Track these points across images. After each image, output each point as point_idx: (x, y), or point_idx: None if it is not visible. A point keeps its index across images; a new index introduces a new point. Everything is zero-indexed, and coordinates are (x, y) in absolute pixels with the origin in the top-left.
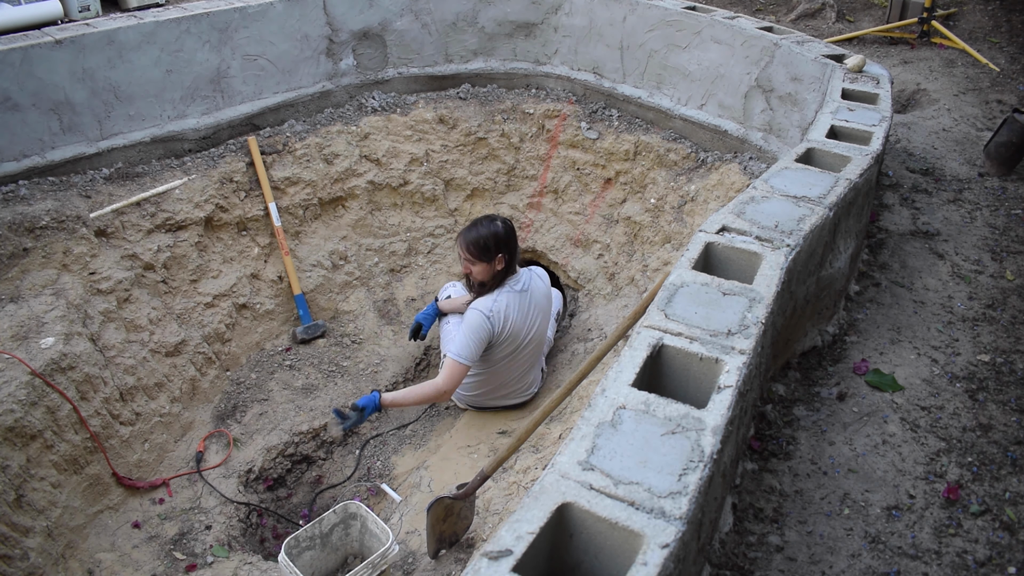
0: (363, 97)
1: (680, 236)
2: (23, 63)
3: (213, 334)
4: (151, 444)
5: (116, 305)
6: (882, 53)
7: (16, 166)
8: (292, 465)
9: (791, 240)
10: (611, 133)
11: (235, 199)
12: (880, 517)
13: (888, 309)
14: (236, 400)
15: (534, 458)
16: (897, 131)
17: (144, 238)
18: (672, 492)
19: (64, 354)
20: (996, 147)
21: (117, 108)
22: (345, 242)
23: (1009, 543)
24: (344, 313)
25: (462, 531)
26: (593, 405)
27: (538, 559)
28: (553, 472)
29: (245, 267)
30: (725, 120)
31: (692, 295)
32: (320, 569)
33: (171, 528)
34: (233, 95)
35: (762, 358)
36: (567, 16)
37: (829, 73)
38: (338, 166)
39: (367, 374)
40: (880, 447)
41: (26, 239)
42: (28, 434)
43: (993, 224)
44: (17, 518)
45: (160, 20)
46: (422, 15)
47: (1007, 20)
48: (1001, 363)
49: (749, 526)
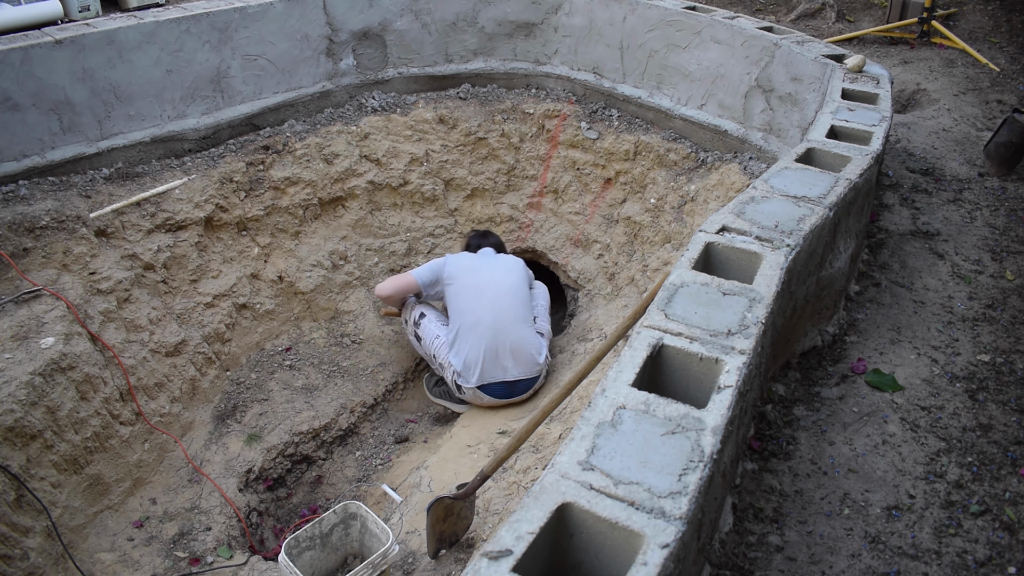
0: (363, 97)
1: (680, 236)
2: (23, 63)
3: (213, 334)
4: (151, 444)
5: (116, 305)
6: (882, 53)
7: (16, 166)
8: (292, 465)
9: (791, 240)
10: (611, 133)
11: (235, 199)
12: (880, 517)
13: (888, 309)
14: (236, 400)
15: (534, 458)
16: (897, 131)
17: (144, 238)
18: (672, 492)
19: (64, 354)
20: (996, 147)
21: (117, 108)
22: (345, 242)
23: (1009, 543)
24: (344, 313)
25: (462, 531)
26: (593, 405)
27: (538, 559)
28: (553, 472)
29: (245, 267)
30: (725, 120)
31: (692, 295)
32: (320, 569)
33: (171, 528)
34: (233, 95)
35: (762, 358)
36: (567, 16)
37: (829, 73)
38: (338, 166)
39: (367, 374)
40: (880, 447)
41: (26, 239)
42: (28, 434)
43: (993, 224)
44: (17, 518)
45: (160, 20)
46: (422, 15)
47: (1007, 20)
48: (1001, 363)
49: (749, 526)
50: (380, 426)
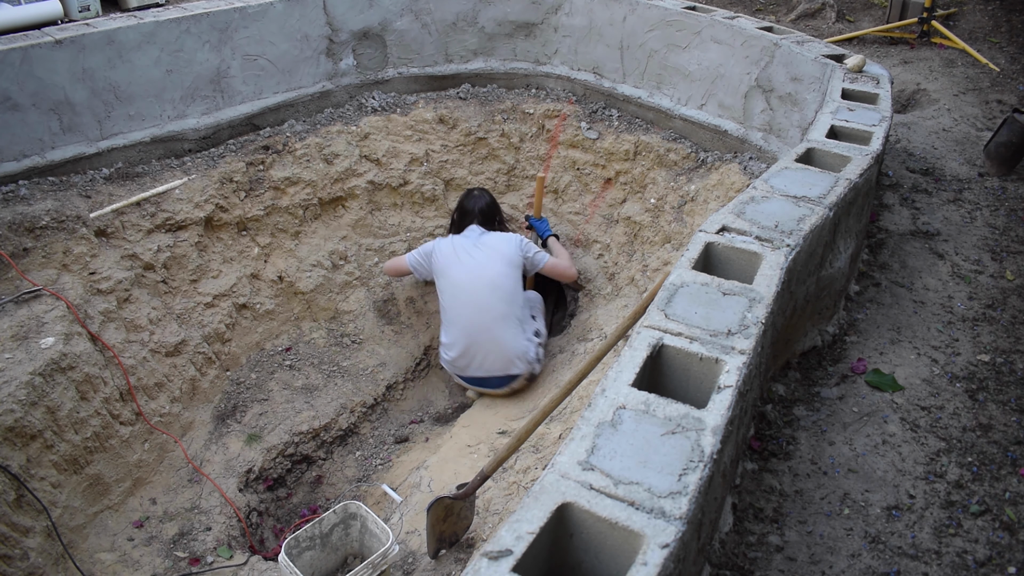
0: (363, 97)
1: (680, 236)
2: (23, 63)
3: (213, 334)
4: (151, 444)
5: (116, 305)
6: (882, 53)
7: (16, 166)
8: (292, 465)
9: (791, 240)
10: (611, 133)
11: (235, 199)
12: (880, 517)
13: (888, 309)
14: (236, 400)
15: (534, 458)
16: (897, 131)
17: (144, 238)
18: (672, 492)
19: (64, 354)
20: (996, 147)
21: (117, 108)
22: (345, 242)
23: (1009, 543)
24: (344, 313)
25: (462, 531)
26: (593, 405)
27: (538, 559)
28: (553, 472)
29: (245, 267)
30: (725, 120)
31: (692, 295)
32: (320, 569)
33: (171, 528)
34: (233, 95)
35: (762, 358)
36: (567, 16)
37: (829, 73)
38: (338, 166)
39: (367, 374)
40: (880, 447)
41: (26, 239)
42: (28, 434)
43: (993, 224)
44: (17, 518)
45: (160, 20)
46: (422, 15)
47: (1007, 20)
48: (1001, 363)
49: (749, 526)
50: (380, 426)
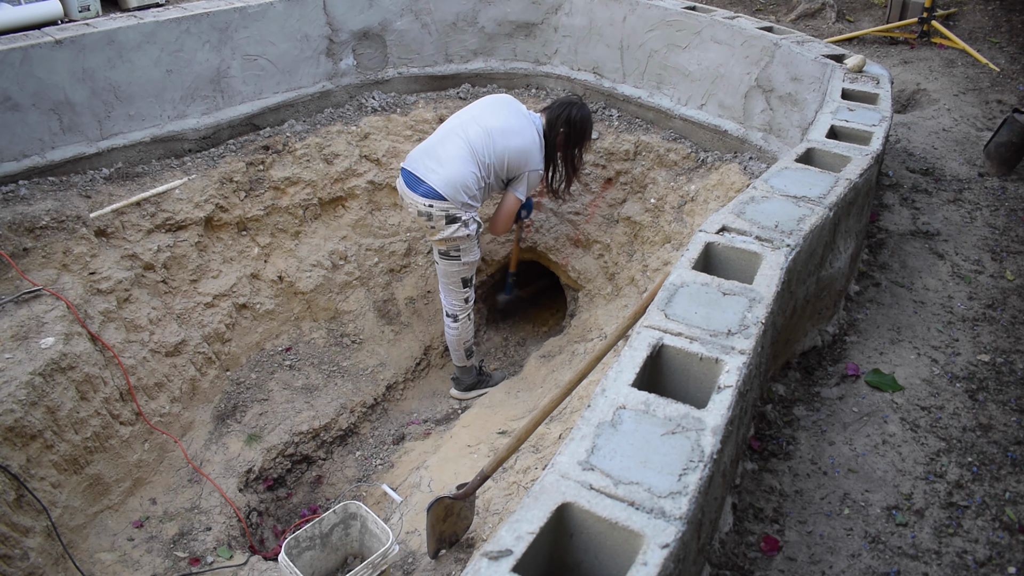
0: (363, 97)
1: (680, 236)
2: (23, 63)
3: (213, 334)
4: (151, 444)
5: (116, 305)
6: (882, 53)
7: (16, 166)
8: (292, 465)
9: (791, 240)
10: (611, 133)
11: (235, 199)
12: (880, 517)
13: (888, 309)
14: (236, 400)
15: (534, 458)
16: (897, 131)
17: (144, 238)
18: (672, 492)
19: (64, 354)
20: (996, 147)
21: (117, 108)
22: (345, 242)
23: (1009, 543)
24: (344, 313)
25: (462, 531)
26: (593, 405)
27: (538, 559)
28: (553, 472)
29: (245, 267)
30: (725, 120)
31: (692, 295)
32: (320, 569)
33: (171, 528)
34: (233, 95)
35: (762, 358)
36: (567, 16)
37: (829, 73)
38: (338, 166)
39: (367, 374)
40: (880, 447)
41: (26, 239)
42: (28, 434)
43: (993, 224)
44: (17, 518)
45: (160, 20)
46: (422, 15)
47: (1007, 20)
48: (1001, 363)
49: (749, 526)
50: (380, 426)
